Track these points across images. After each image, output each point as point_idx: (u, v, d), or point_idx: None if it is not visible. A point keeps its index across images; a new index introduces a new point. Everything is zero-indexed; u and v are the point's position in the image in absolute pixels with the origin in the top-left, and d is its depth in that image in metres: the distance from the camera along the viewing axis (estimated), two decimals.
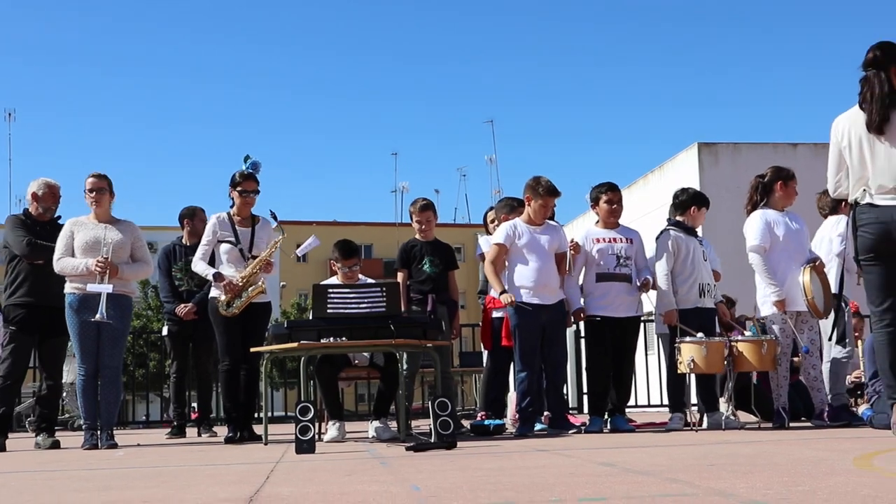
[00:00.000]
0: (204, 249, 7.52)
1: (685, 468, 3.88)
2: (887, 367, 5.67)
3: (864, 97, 5.62)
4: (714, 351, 6.88)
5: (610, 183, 7.74)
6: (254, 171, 7.60)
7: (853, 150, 5.66)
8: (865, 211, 5.64)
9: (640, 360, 10.33)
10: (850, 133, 5.68)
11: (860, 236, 5.67)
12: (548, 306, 7.26)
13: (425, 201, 8.23)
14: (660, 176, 16.09)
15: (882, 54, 5.61)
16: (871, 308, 5.77)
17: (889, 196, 5.53)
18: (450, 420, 5.95)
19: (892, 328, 5.68)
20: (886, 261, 5.66)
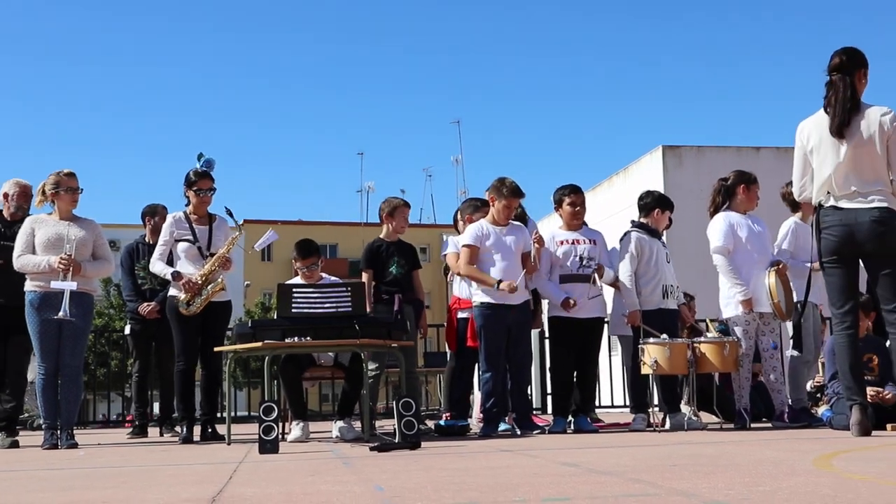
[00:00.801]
0: (161, 249, 7.48)
1: (648, 468, 3.90)
2: (847, 369, 5.76)
3: (828, 101, 5.72)
4: (677, 352, 6.93)
5: (573, 185, 7.78)
6: (208, 169, 7.55)
7: (817, 154, 5.74)
8: (829, 214, 5.72)
9: (604, 361, 10.38)
10: (814, 137, 5.76)
11: (824, 238, 5.75)
12: (513, 306, 7.28)
13: (404, 201, 8.24)
14: (624, 178, 16.18)
15: (847, 59, 5.72)
16: (832, 310, 5.87)
17: (852, 199, 5.61)
18: (414, 420, 5.95)
19: (853, 331, 5.78)
20: (848, 263, 5.75)
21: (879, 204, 5.63)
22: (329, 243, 57.59)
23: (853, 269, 5.81)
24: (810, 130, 5.84)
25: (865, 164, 5.64)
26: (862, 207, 5.64)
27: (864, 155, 5.65)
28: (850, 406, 5.72)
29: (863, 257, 5.79)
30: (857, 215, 5.64)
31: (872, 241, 5.64)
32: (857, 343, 5.86)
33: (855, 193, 5.65)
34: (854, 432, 5.59)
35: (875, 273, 5.76)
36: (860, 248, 5.70)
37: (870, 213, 5.62)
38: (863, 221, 5.63)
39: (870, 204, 5.64)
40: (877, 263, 5.73)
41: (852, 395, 5.73)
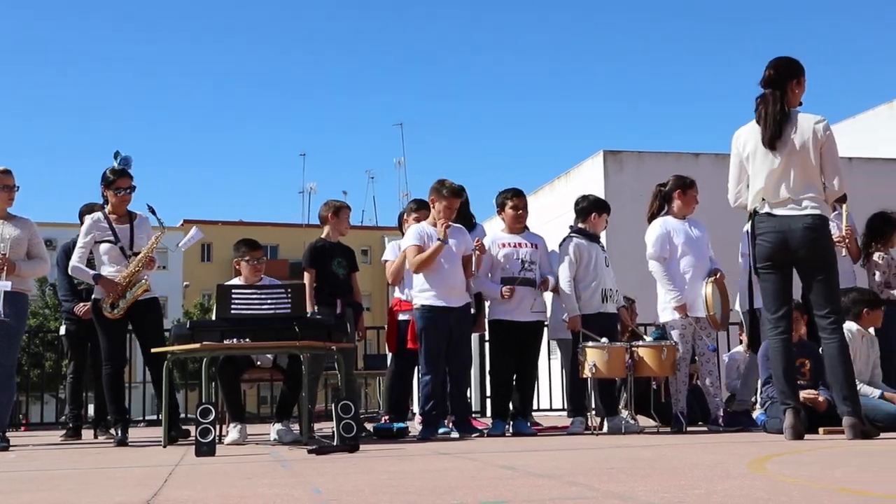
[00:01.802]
0: (80, 252, 7.35)
1: (585, 471, 3.92)
2: (781, 373, 5.85)
3: (759, 114, 5.85)
4: (616, 356, 6.98)
5: (515, 189, 7.81)
6: (126, 167, 7.44)
7: (753, 162, 5.84)
8: (764, 220, 5.82)
9: (544, 365, 10.43)
10: (750, 144, 5.86)
11: (758, 245, 5.84)
12: (454, 309, 7.28)
13: (346, 203, 8.22)
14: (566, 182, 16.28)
15: (776, 73, 5.85)
16: (767, 315, 5.95)
17: (787, 206, 5.73)
18: (353, 423, 5.92)
19: (786, 336, 5.88)
20: (782, 269, 5.85)
21: (812, 211, 5.73)
22: (270, 244, 57.22)
23: (787, 275, 5.91)
24: (746, 138, 5.93)
25: (799, 172, 5.74)
26: (795, 214, 5.74)
27: (797, 163, 5.75)
28: (784, 410, 5.81)
29: (796, 264, 5.87)
30: (790, 222, 5.74)
31: (805, 247, 5.74)
32: (790, 348, 5.95)
33: (788, 200, 5.76)
34: (787, 436, 5.68)
35: (808, 279, 5.87)
36: (794, 254, 5.79)
37: (803, 220, 5.72)
38: (796, 228, 5.73)
39: (803, 211, 5.73)
40: (809, 270, 5.83)
41: (786, 400, 5.82)
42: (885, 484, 3.24)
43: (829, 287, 5.84)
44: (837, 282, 5.96)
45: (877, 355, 7.41)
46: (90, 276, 7.24)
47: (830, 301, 5.84)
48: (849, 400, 5.68)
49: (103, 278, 7.20)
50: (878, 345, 7.45)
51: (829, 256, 5.92)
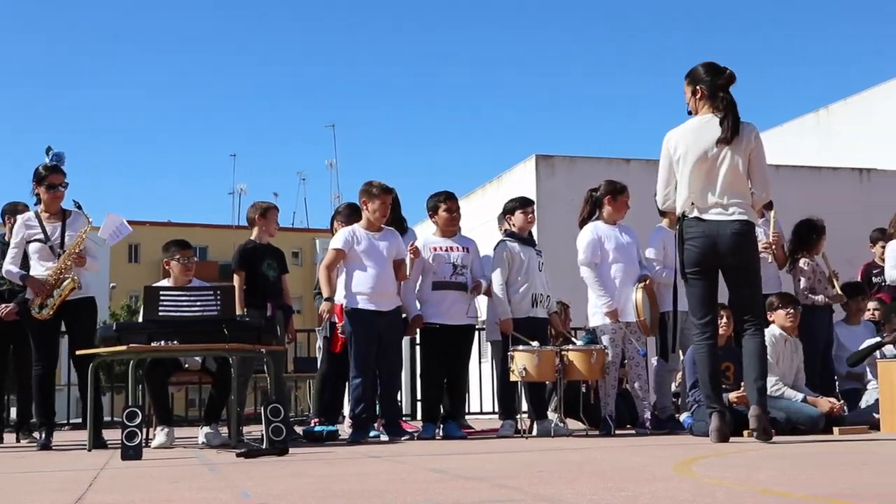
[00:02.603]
0: (13, 252, 7.22)
1: (514, 474, 3.94)
2: (707, 378, 5.92)
3: (725, 113, 5.79)
4: (545, 359, 7.02)
5: (447, 192, 7.82)
6: (58, 163, 7.31)
7: (683, 165, 5.85)
8: (693, 225, 5.84)
9: (474, 368, 10.46)
10: (681, 147, 5.87)
11: (687, 249, 5.86)
12: (384, 313, 7.27)
13: (274, 204, 8.17)
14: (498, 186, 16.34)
15: (732, 74, 5.87)
16: (693, 321, 6.00)
17: (716, 211, 5.76)
18: (282, 426, 5.89)
19: (712, 341, 5.94)
20: (709, 275, 5.90)
21: (740, 217, 5.79)
22: (199, 245, 56.56)
23: (714, 281, 5.95)
24: (678, 141, 5.93)
25: (729, 177, 5.78)
26: (724, 219, 5.78)
27: (732, 168, 5.78)
28: (710, 413, 5.88)
29: (723, 269, 5.93)
30: (718, 227, 5.78)
31: (733, 252, 5.79)
32: (716, 353, 6.03)
33: (717, 205, 5.79)
34: (713, 438, 5.74)
35: (733, 284, 5.94)
36: (721, 259, 5.84)
37: (731, 226, 5.77)
38: (724, 233, 5.78)
39: (731, 216, 5.78)
40: (735, 275, 5.90)
41: (712, 403, 5.88)
42: (807, 485, 3.30)
43: (753, 292, 5.92)
44: (761, 287, 6.05)
45: (800, 359, 7.56)
46: (17, 277, 7.10)
47: (754, 306, 5.92)
48: (759, 393, 5.77)
49: (30, 278, 7.06)
50: (801, 349, 7.60)
51: (755, 262, 6.00)
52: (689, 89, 5.95)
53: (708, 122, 5.86)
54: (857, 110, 16.42)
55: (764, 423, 5.69)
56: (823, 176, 14.65)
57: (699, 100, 5.93)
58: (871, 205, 13.54)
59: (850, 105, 16.71)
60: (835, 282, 8.22)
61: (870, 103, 16.18)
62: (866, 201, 13.95)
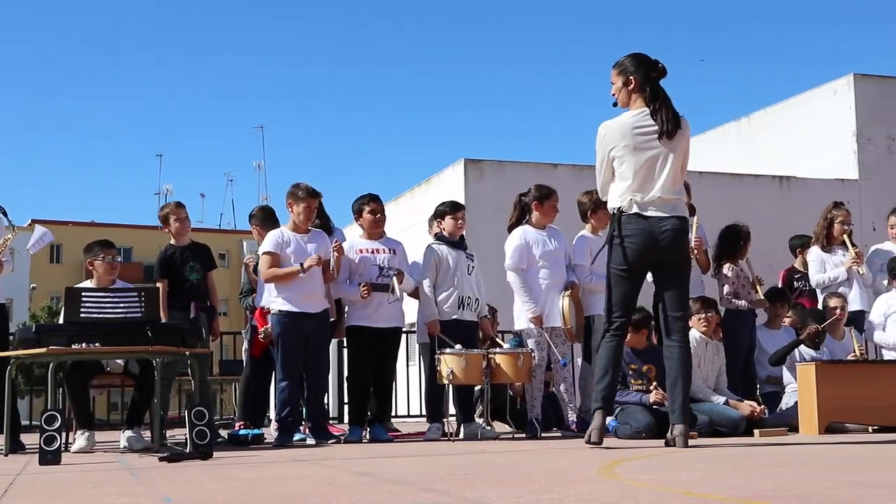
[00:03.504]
0: None
1: (441, 478, 3.94)
2: (604, 373, 5.73)
3: (657, 107, 5.64)
4: (473, 363, 7.04)
5: (372, 194, 7.81)
6: None
7: (620, 159, 5.67)
8: (632, 222, 5.65)
9: (402, 371, 10.45)
10: (618, 141, 5.67)
11: (622, 246, 5.69)
12: (312, 315, 7.23)
13: (177, 203, 8.06)
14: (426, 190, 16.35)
15: (664, 68, 5.73)
16: (607, 316, 5.81)
17: (655, 208, 5.63)
18: (206, 429, 5.82)
19: (619, 340, 5.79)
20: (638, 274, 5.76)
21: (678, 213, 5.67)
22: (124, 246, 55.74)
23: (640, 282, 5.81)
24: (614, 134, 5.71)
25: (669, 173, 5.62)
26: (663, 216, 5.62)
27: (674, 163, 5.63)
28: (594, 411, 5.71)
29: (657, 267, 5.78)
30: (659, 225, 5.62)
31: (669, 250, 5.64)
32: (620, 353, 5.84)
33: (659, 201, 5.62)
34: (593, 437, 5.58)
35: (665, 282, 5.76)
36: (657, 257, 5.67)
37: (670, 222, 5.62)
38: (665, 231, 5.61)
39: (670, 213, 5.63)
40: (669, 273, 5.74)
41: (601, 403, 5.70)
42: (729, 487, 3.35)
43: (683, 291, 5.79)
44: (688, 286, 5.91)
45: (722, 362, 7.69)
46: None
47: (683, 306, 5.80)
48: (682, 408, 5.64)
49: None
50: (723, 352, 7.72)
51: (687, 260, 5.90)
52: (620, 79, 5.72)
53: (646, 115, 5.64)
54: (778, 119, 16.75)
55: (685, 440, 5.57)
56: (745, 183, 14.92)
57: (631, 91, 5.70)
58: (791, 211, 13.83)
59: (771, 114, 17.03)
60: (758, 287, 8.36)
61: (789, 113, 16.52)
62: (786, 208, 14.24)
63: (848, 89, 15.13)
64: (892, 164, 14.89)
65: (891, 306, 8.32)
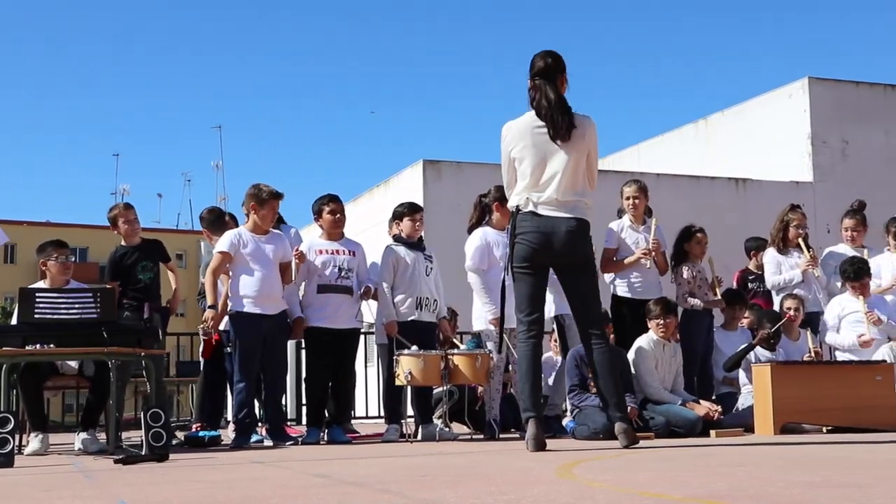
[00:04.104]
0: None
1: (398, 479, 3.93)
2: (528, 378, 5.65)
3: (538, 105, 5.57)
4: (431, 364, 7.03)
5: (332, 194, 7.79)
6: None
7: (521, 158, 5.63)
8: (527, 219, 5.60)
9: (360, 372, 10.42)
10: (519, 140, 5.63)
11: (518, 244, 5.63)
12: (270, 316, 7.20)
13: (125, 204, 8.01)
14: (385, 191, 16.34)
15: (553, 63, 5.60)
16: (519, 317, 5.73)
17: (552, 207, 5.56)
18: (162, 431, 5.78)
19: (537, 340, 5.71)
20: (539, 272, 5.67)
21: (577, 214, 5.57)
22: (79, 246, 55.16)
23: (543, 278, 5.72)
24: (516, 133, 5.66)
25: (568, 173, 5.54)
26: (561, 216, 5.55)
27: (572, 162, 5.55)
28: (526, 420, 5.58)
29: (556, 268, 5.72)
30: (554, 224, 5.54)
31: (567, 251, 5.56)
32: (539, 353, 5.76)
33: (556, 201, 5.55)
34: (530, 447, 5.47)
35: (569, 285, 5.70)
36: (555, 257, 5.60)
37: (567, 223, 5.54)
38: (559, 231, 5.54)
39: (568, 213, 5.56)
40: (570, 274, 5.67)
41: (528, 408, 5.59)
42: (684, 487, 3.38)
43: (590, 293, 5.69)
44: (598, 288, 5.80)
45: (679, 363, 7.73)
46: None
47: (591, 308, 5.70)
48: (619, 406, 5.64)
49: None
50: (680, 353, 7.77)
51: (590, 262, 5.75)
52: (529, 81, 5.67)
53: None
54: (734, 122, 16.90)
55: (631, 436, 5.58)
56: (702, 184, 15.05)
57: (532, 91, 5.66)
58: (747, 213, 13.96)
59: (728, 117, 17.18)
60: (717, 288, 8.41)
61: (746, 115, 16.67)
62: (742, 209, 14.37)
63: (803, 93, 15.31)
64: (845, 167, 15.09)
65: (844, 308, 8.42)
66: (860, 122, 15.27)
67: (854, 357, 8.11)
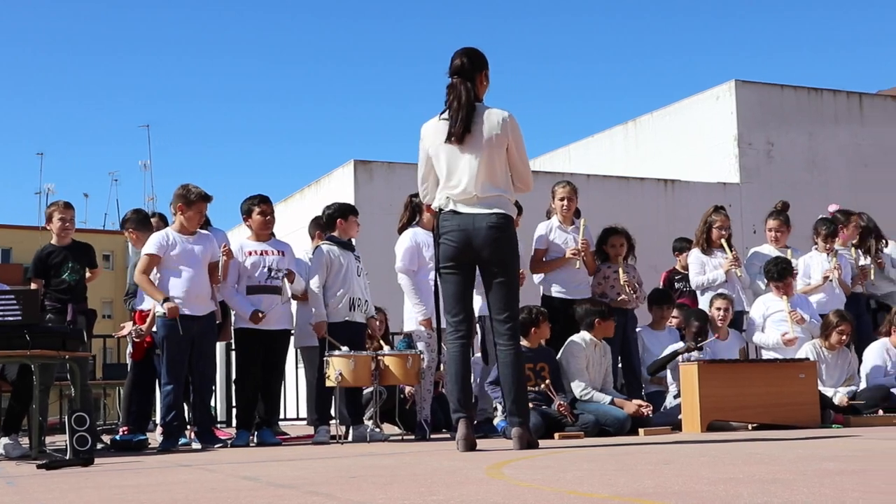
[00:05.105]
0: None
1: (327, 481, 3.91)
2: (458, 379, 5.64)
3: (449, 105, 5.57)
4: (361, 365, 7.02)
5: (262, 195, 7.73)
6: None
7: (439, 158, 5.62)
8: (448, 218, 5.59)
9: (290, 373, 10.36)
10: (437, 140, 5.61)
11: (442, 244, 5.62)
12: (198, 317, 7.13)
13: (65, 203, 7.86)
14: (316, 191, 16.23)
15: (469, 62, 5.59)
16: (447, 318, 5.72)
17: (472, 204, 5.55)
18: (87, 435, 5.69)
19: (466, 340, 5.70)
20: (465, 271, 5.65)
21: (497, 210, 5.55)
22: (2, 247, 54.08)
23: (470, 277, 5.70)
24: (433, 133, 5.64)
25: (484, 169, 5.51)
26: (480, 213, 5.54)
27: (483, 159, 5.52)
28: (456, 420, 5.59)
29: (479, 265, 5.66)
30: (474, 220, 5.53)
31: (488, 247, 5.54)
32: (468, 354, 5.74)
33: (474, 198, 5.53)
34: (460, 447, 5.47)
35: (489, 280, 5.66)
36: (477, 254, 5.58)
37: (487, 219, 5.53)
38: (480, 227, 5.51)
39: (488, 209, 5.54)
40: (491, 271, 5.61)
41: (459, 409, 5.59)
42: (612, 485, 3.41)
43: (508, 291, 5.63)
44: (517, 286, 5.76)
45: (609, 363, 7.81)
46: None
47: (508, 306, 5.63)
48: (518, 410, 5.59)
49: None
50: (610, 353, 7.85)
51: (511, 259, 5.66)
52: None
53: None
54: (663, 123, 17.10)
55: (527, 439, 5.56)
56: (631, 186, 15.18)
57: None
58: (676, 214, 14.14)
59: (657, 118, 17.38)
60: (627, 288, 8.38)
61: (674, 117, 16.88)
62: (671, 210, 14.55)
63: (730, 95, 15.54)
64: (771, 169, 15.34)
65: (769, 307, 8.57)
66: (785, 124, 15.54)
67: (778, 355, 8.26)
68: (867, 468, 3.81)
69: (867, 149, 15.74)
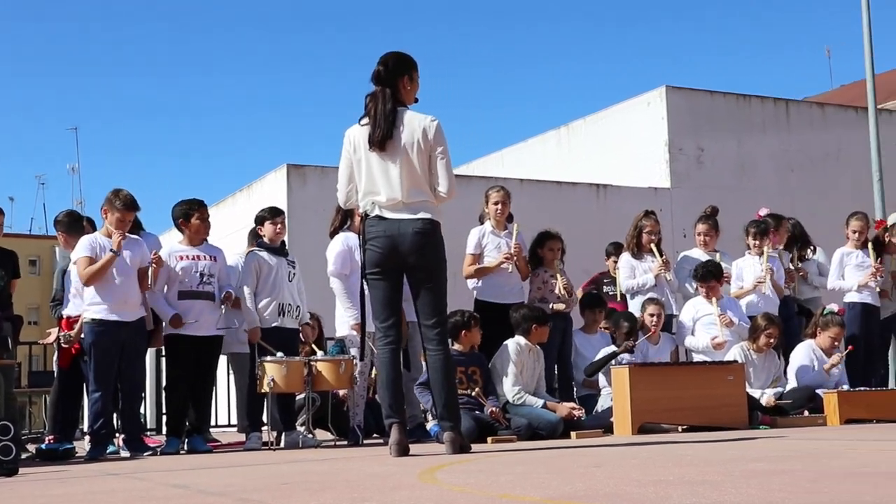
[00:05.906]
0: None
1: (259, 488, 3.88)
2: (388, 384, 5.62)
3: (368, 112, 5.56)
4: (294, 370, 6.97)
5: (197, 200, 7.66)
6: None
7: (363, 163, 5.59)
8: (374, 224, 5.56)
9: (221, 379, 10.25)
10: (361, 146, 5.59)
11: (368, 250, 5.59)
12: (128, 323, 7.04)
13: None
14: (248, 195, 16.10)
15: (386, 71, 5.56)
16: (376, 324, 5.70)
17: (397, 209, 5.53)
18: (11, 444, 5.55)
19: (395, 346, 5.68)
20: (392, 276, 5.62)
21: (423, 215, 5.52)
22: None
23: (397, 282, 5.67)
24: (357, 138, 5.61)
25: (408, 174, 5.50)
26: (406, 218, 5.49)
27: (407, 164, 5.50)
28: (389, 425, 5.57)
29: (406, 270, 5.63)
30: (400, 226, 5.50)
31: (414, 253, 5.50)
32: (398, 359, 5.73)
33: (400, 204, 5.51)
34: (393, 452, 5.46)
35: (416, 287, 5.64)
36: (404, 260, 5.55)
37: (413, 224, 5.50)
38: (406, 233, 5.48)
39: (414, 215, 5.51)
40: (418, 277, 5.59)
41: (391, 414, 5.58)
42: (544, 488, 3.42)
43: (435, 296, 5.60)
44: (444, 291, 5.71)
45: (542, 367, 7.85)
46: None
47: (436, 311, 5.61)
48: (450, 415, 5.59)
49: None
50: (543, 358, 7.88)
51: (438, 264, 5.62)
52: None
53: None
54: (596, 128, 17.23)
55: (460, 443, 5.56)
56: (563, 190, 15.27)
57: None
58: (607, 218, 14.25)
59: (589, 123, 17.50)
60: (565, 291, 8.44)
61: (606, 122, 17.02)
62: (603, 215, 14.67)
63: (660, 101, 15.71)
64: (701, 174, 15.54)
65: (698, 311, 8.69)
66: (715, 130, 15.75)
67: (708, 358, 8.37)
68: (793, 468, 3.88)
69: (794, 154, 16.03)
